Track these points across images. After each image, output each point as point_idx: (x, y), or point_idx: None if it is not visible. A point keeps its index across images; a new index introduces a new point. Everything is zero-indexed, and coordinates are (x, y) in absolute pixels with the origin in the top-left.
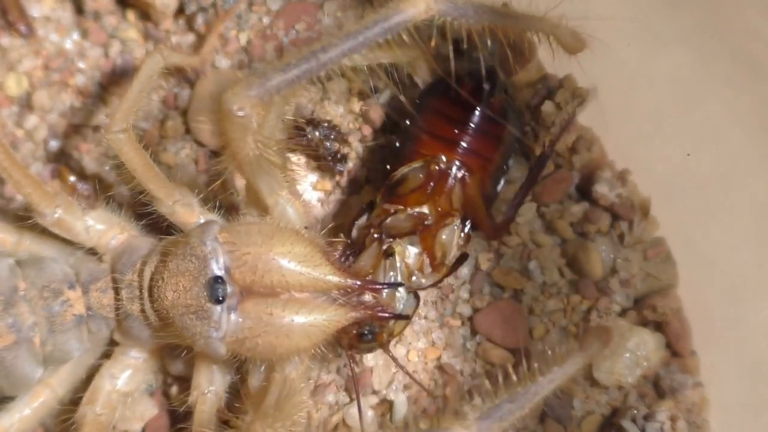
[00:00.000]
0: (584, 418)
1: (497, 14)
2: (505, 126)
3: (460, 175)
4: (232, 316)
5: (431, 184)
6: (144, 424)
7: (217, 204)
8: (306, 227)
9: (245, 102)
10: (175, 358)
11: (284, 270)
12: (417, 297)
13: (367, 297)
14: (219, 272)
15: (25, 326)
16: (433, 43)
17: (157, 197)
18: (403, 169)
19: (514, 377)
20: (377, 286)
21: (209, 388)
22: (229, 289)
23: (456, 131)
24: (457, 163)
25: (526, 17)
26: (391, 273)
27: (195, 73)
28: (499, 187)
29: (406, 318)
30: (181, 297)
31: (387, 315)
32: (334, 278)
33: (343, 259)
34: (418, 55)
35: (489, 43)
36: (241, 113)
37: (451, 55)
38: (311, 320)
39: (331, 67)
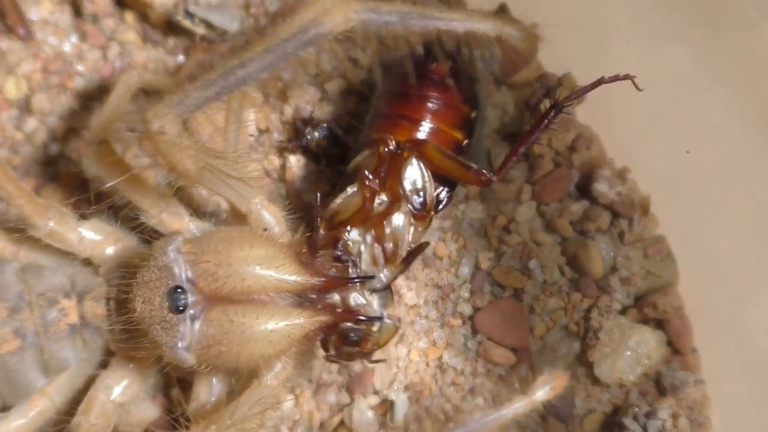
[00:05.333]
0: (586, 416)
1: (430, 19)
2: (452, 87)
3: (413, 150)
4: (197, 325)
5: (383, 167)
6: (145, 427)
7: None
8: (265, 229)
9: (164, 120)
10: None
11: (244, 274)
12: (391, 292)
13: (349, 299)
14: (179, 282)
15: (30, 332)
16: None
17: (142, 208)
18: (337, 200)
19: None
20: (344, 281)
21: (209, 399)
22: (190, 298)
23: (409, 104)
24: (408, 143)
25: (467, 20)
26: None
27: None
28: (472, 139)
29: (378, 319)
30: (147, 308)
31: (357, 318)
32: (298, 278)
33: (307, 253)
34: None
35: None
36: (162, 133)
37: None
38: (272, 326)
39: (251, 82)
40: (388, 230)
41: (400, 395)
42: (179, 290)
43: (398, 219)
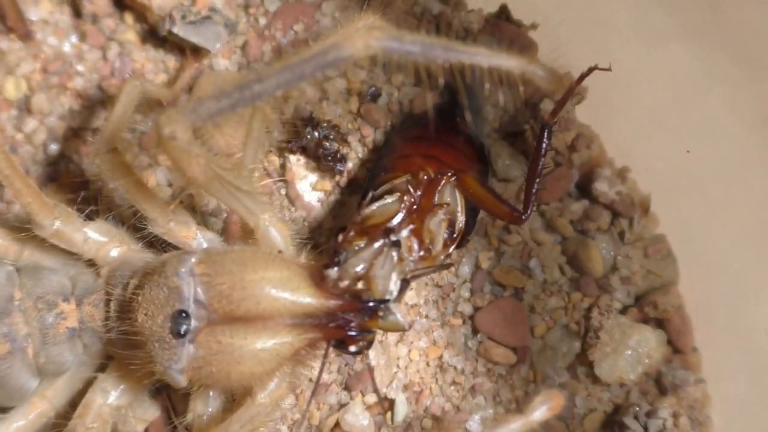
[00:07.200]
0: (586, 415)
1: (452, 52)
2: (471, 143)
3: (453, 177)
4: (190, 347)
5: (418, 193)
6: (146, 426)
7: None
8: (280, 251)
9: (176, 127)
10: None
11: (259, 297)
12: (406, 282)
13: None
14: (185, 306)
15: (19, 336)
16: None
17: (150, 217)
18: (372, 206)
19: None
20: (359, 305)
21: (206, 411)
22: (193, 324)
23: (431, 147)
24: (450, 170)
25: (492, 56)
26: (387, 267)
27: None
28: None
29: (369, 333)
30: (148, 322)
31: (348, 334)
32: (313, 300)
33: (333, 268)
34: None
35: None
36: (173, 138)
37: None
38: (260, 345)
39: (266, 97)
40: (425, 227)
41: (399, 395)
42: (183, 315)
43: (436, 220)
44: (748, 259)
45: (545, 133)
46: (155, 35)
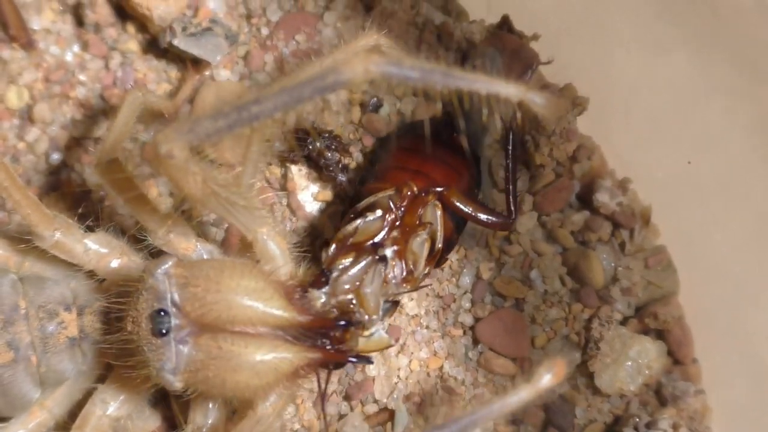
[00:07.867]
0: (586, 426)
1: (452, 78)
2: (465, 158)
3: (436, 194)
4: (185, 349)
5: (402, 208)
6: None
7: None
8: (258, 261)
9: (173, 145)
10: None
11: (231, 303)
12: (396, 303)
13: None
14: (163, 305)
15: (23, 345)
16: None
17: (149, 228)
18: (354, 223)
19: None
20: (331, 322)
21: (206, 422)
22: (174, 321)
23: (423, 162)
24: (434, 187)
25: (490, 83)
26: (377, 283)
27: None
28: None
29: (367, 361)
30: (135, 328)
31: (348, 358)
32: (284, 313)
33: (323, 288)
34: None
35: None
36: (170, 157)
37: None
38: (260, 357)
39: (264, 119)
40: (409, 249)
41: (400, 405)
42: (162, 313)
43: (419, 240)
44: (749, 269)
45: (510, 138)
46: (157, 45)
